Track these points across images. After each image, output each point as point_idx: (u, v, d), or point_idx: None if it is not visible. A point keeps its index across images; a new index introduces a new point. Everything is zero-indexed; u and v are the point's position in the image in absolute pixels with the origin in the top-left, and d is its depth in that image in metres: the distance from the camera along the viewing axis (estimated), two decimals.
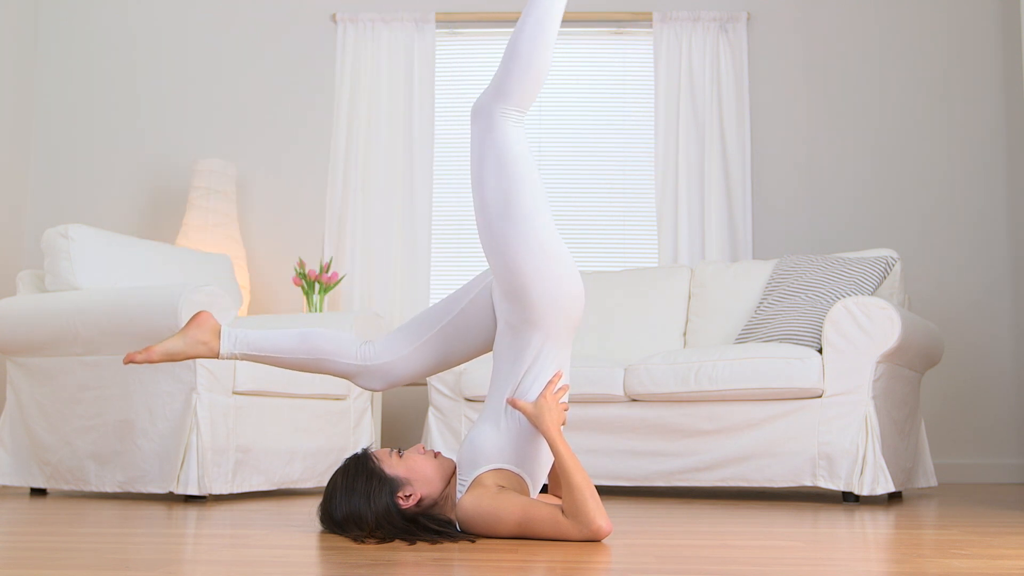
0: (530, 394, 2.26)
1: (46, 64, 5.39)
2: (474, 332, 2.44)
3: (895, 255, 4.02)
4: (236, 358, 2.50)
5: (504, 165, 2.28)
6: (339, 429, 3.91)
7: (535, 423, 2.22)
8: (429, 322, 2.47)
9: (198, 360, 3.34)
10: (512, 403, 2.25)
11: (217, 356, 2.49)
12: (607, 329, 4.40)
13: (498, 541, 2.15)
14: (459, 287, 2.52)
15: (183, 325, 2.73)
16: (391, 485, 2.19)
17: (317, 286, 4.67)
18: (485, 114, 2.31)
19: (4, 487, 4.00)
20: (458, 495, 2.24)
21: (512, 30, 5.31)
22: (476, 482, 2.22)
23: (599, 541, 2.15)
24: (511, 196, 2.26)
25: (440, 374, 4.10)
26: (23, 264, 5.20)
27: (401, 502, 2.18)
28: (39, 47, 5.39)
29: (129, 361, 2.47)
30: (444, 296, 2.90)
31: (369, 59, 5.23)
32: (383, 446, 4.85)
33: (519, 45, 2.33)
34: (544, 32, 2.34)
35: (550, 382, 2.27)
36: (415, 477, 2.22)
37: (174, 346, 2.48)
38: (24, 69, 5.29)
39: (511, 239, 2.24)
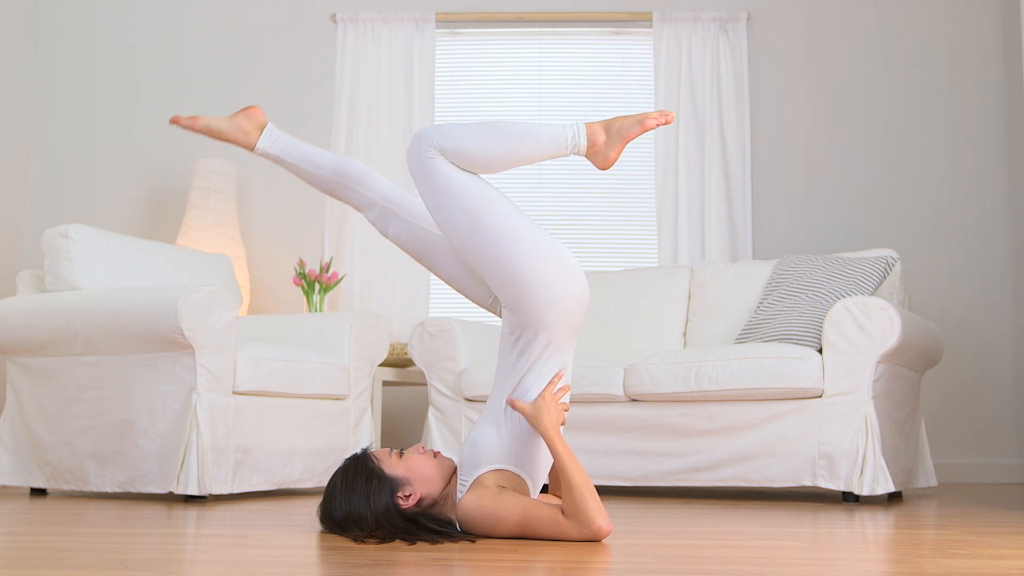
0: (530, 394, 2.26)
1: (46, 64, 5.39)
2: (459, 276, 2.44)
3: (895, 255, 4.02)
4: (268, 157, 2.56)
5: (452, 185, 2.24)
6: (339, 429, 3.91)
7: (533, 424, 2.22)
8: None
9: (198, 360, 3.34)
10: (511, 404, 2.25)
11: (252, 149, 2.55)
12: (607, 329, 4.40)
13: (498, 541, 2.15)
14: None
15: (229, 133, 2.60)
16: (391, 485, 2.19)
17: (317, 286, 4.67)
18: (425, 142, 2.27)
19: (4, 487, 4.00)
20: (459, 495, 2.24)
21: (512, 31, 5.32)
22: (476, 482, 2.22)
23: (599, 541, 2.15)
24: (478, 214, 2.22)
25: (440, 374, 4.11)
26: (23, 264, 5.20)
27: (401, 502, 2.18)
28: (39, 47, 5.39)
29: (173, 122, 2.53)
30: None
31: (369, 59, 5.23)
32: (383, 446, 4.85)
33: (502, 137, 2.27)
34: (518, 156, 2.29)
35: (550, 382, 2.26)
36: (415, 477, 2.22)
37: (217, 124, 2.54)
38: (24, 69, 5.29)
39: (496, 255, 2.22)
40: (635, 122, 2.30)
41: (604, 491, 4.05)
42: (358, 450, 2.32)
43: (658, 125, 2.29)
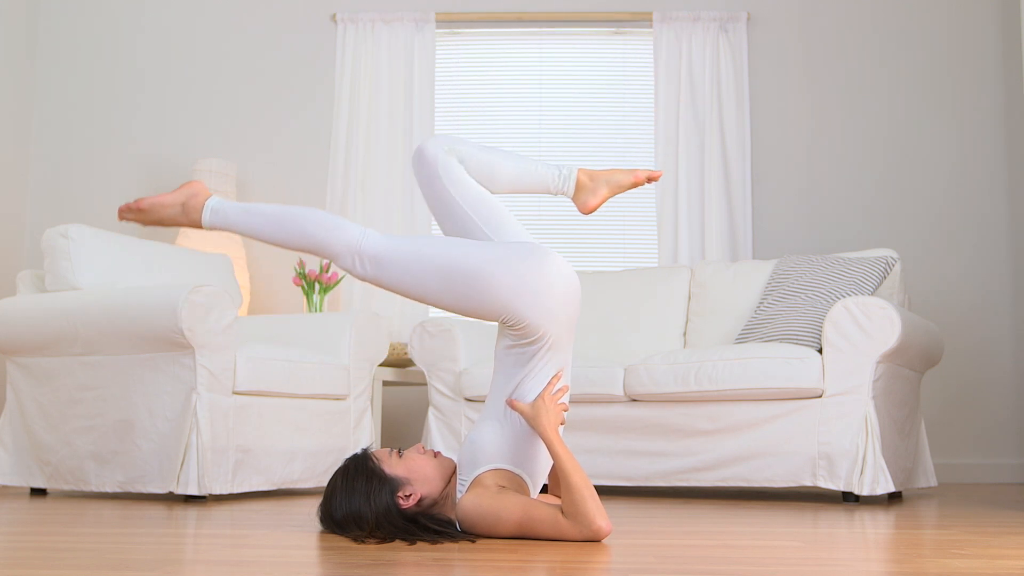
0: (530, 395, 2.26)
1: (46, 64, 5.39)
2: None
3: (895, 255, 4.02)
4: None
5: (410, 256, 2.27)
6: (339, 429, 3.91)
7: (532, 424, 2.22)
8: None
9: (198, 360, 3.34)
10: (510, 404, 2.25)
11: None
12: (607, 329, 4.40)
13: (498, 541, 2.15)
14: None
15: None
16: (391, 485, 2.19)
17: (317, 286, 4.67)
18: (360, 263, 2.29)
19: (4, 487, 4.00)
20: (458, 495, 2.24)
21: (512, 31, 5.31)
22: (476, 482, 2.22)
23: (599, 541, 2.15)
24: (448, 266, 2.26)
25: (440, 374, 4.10)
26: (23, 264, 5.20)
27: (401, 502, 2.18)
28: (39, 47, 5.39)
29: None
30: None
31: (369, 59, 5.23)
32: (383, 446, 4.85)
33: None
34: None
35: (549, 383, 2.27)
36: (415, 477, 2.22)
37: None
38: (24, 69, 5.29)
39: (476, 297, 2.25)
40: None
41: (604, 491, 4.05)
42: (358, 450, 2.32)
43: None
